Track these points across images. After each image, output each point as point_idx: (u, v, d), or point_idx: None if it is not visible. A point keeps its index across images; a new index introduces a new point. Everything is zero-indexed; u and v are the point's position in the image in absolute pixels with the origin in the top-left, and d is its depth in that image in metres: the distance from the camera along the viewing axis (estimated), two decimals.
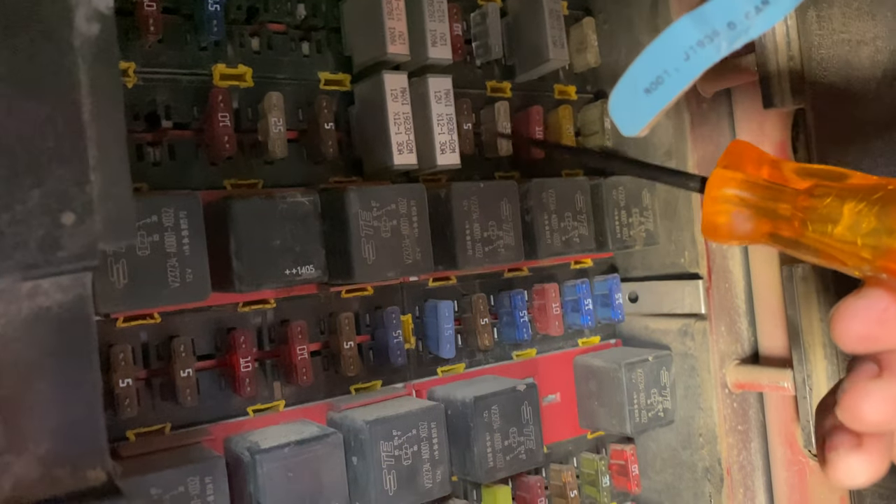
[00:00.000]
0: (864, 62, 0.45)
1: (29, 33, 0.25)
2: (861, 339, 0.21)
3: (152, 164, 0.43)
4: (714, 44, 0.29)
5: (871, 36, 0.45)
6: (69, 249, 0.25)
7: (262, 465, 0.40)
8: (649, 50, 0.29)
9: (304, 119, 0.48)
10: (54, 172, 0.25)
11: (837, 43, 0.46)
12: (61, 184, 0.25)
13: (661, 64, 0.29)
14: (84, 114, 0.26)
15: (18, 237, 0.24)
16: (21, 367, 0.25)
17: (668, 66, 0.29)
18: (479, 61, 0.55)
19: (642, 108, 0.30)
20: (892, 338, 0.21)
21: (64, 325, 0.26)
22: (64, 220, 0.26)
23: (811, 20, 0.46)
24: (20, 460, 0.24)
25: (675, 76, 0.29)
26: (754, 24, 0.28)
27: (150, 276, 0.38)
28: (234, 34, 0.46)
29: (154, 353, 0.42)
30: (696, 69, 0.29)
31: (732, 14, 0.28)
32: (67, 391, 0.26)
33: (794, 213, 0.25)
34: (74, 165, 0.26)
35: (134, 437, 0.41)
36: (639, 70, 0.30)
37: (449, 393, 0.49)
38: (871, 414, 0.21)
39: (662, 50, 0.29)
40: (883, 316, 0.21)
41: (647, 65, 0.29)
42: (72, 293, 0.26)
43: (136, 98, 0.43)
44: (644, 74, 0.29)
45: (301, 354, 0.44)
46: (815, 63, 0.46)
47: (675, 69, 0.29)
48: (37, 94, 0.25)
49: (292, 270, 0.42)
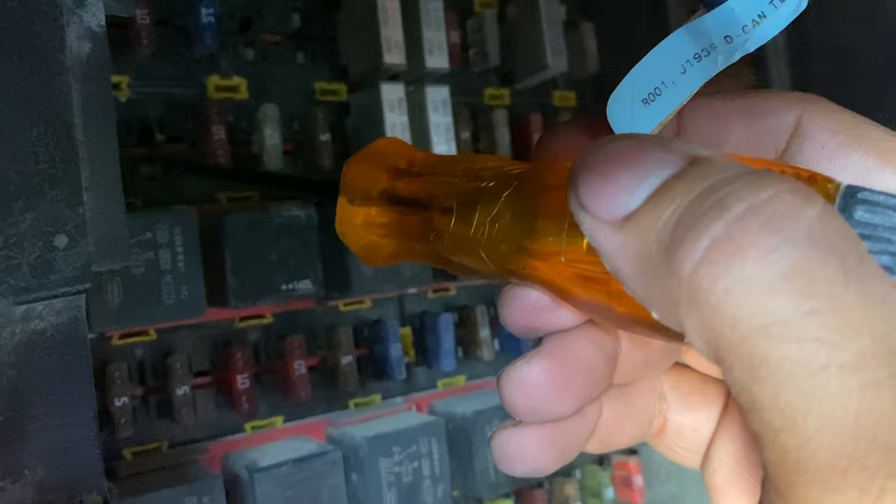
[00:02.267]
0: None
1: (19, 53, 0.25)
2: (519, 326, 0.21)
3: (146, 178, 0.42)
4: (711, 57, 0.28)
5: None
6: (62, 272, 0.25)
7: (261, 484, 0.40)
8: (646, 61, 0.29)
9: (300, 130, 0.47)
10: (47, 194, 0.25)
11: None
12: (54, 206, 0.25)
13: (658, 76, 0.29)
14: (76, 134, 0.26)
15: (11, 261, 0.24)
16: (15, 391, 0.25)
17: (665, 78, 0.29)
18: (477, 69, 0.54)
19: (642, 119, 0.29)
20: (547, 324, 0.21)
21: (58, 348, 0.26)
22: (57, 243, 0.25)
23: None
24: (16, 487, 0.24)
25: (672, 89, 0.29)
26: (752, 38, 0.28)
27: (144, 294, 0.38)
28: (227, 45, 0.45)
29: (150, 371, 0.42)
30: (694, 83, 0.29)
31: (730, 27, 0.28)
32: (62, 415, 0.25)
33: (426, 226, 0.23)
34: (67, 187, 0.26)
35: (131, 456, 0.41)
36: (636, 81, 0.29)
37: (450, 407, 0.49)
38: (514, 402, 0.20)
39: (659, 62, 0.29)
40: (536, 304, 0.21)
41: (644, 76, 0.29)
42: (66, 315, 0.26)
43: (129, 112, 0.42)
44: (641, 85, 0.29)
45: (298, 370, 0.44)
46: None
47: (672, 82, 0.29)
48: (28, 115, 0.25)
49: (288, 285, 0.42)
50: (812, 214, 0.13)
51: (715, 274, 0.13)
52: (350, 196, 0.25)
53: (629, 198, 0.15)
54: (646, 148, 0.16)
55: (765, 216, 0.13)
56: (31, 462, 0.24)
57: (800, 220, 0.13)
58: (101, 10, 0.27)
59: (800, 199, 0.14)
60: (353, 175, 0.25)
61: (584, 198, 0.16)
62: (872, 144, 0.19)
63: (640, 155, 0.15)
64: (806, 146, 0.20)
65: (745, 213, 0.13)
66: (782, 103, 0.21)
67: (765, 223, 0.13)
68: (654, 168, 0.15)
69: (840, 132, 0.20)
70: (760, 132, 0.21)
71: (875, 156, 0.19)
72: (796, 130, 0.21)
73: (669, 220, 0.14)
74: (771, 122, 0.21)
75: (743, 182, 0.14)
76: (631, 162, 0.15)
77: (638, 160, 0.15)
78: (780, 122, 0.21)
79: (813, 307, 0.13)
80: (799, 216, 0.13)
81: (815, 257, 0.13)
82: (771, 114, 0.21)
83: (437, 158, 0.24)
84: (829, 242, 0.13)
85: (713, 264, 0.13)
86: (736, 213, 0.13)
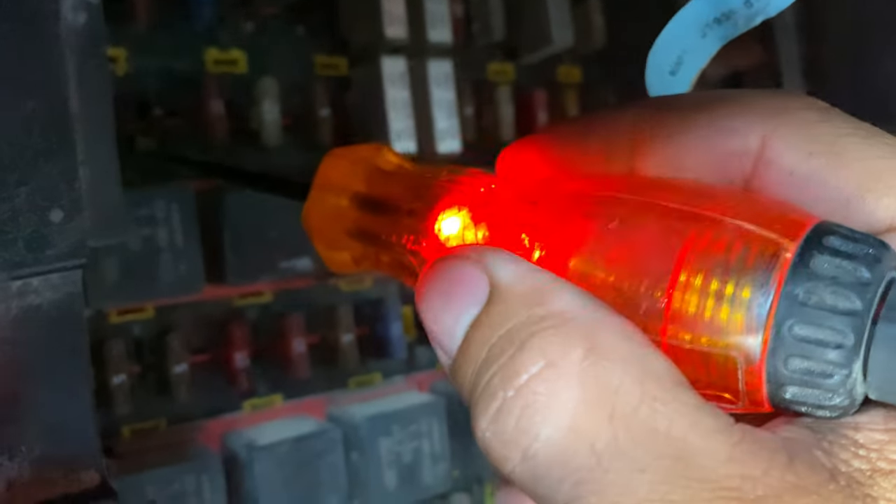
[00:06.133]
0: None
1: (12, 24, 0.24)
2: None
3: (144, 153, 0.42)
4: (731, 21, 0.28)
5: None
6: (58, 247, 0.25)
7: (260, 463, 0.40)
8: (666, 31, 0.29)
9: (299, 104, 0.46)
10: (41, 169, 0.25)
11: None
12: (49, 180, 0.25)
13: (679, 44, 0.29)
14: (71, 107, 0.26)
15: (6, 236, 0.24)
16: (11, 367, 0.24)
17: (687, 45, 0.28)
18: (481, 42, 0.53)
19: (674, 89, 0.30)
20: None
21: (54, 323, 0.25)
22: (52, 218, 0.25)
23: None
24: (12, 463, 0.24)
25: (694, 55, 0.28)
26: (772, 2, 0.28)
27: (142, 271, 0.38)
28: (226, 18, 0.44)
29: (148, 348, 0.41)
30: (712, 47, 0.29)
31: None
32: (59, 392, 0.25)
33: (393, 229, 0.22)
34: (62, 161, 0.25)
35: (128, 433, 0.41)
36: (660, 53, 0.29)
37: (450, 387, 0.48)
38: None
39: (679, 30, 0.29)
40: None
41: (666, 46, 0.29)
42: (62, 291, 0.26)
43: (126, 86, 0.41)
44: (666, 58, 0.29)
45: (298, 348, 0.43)
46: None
47: (693, 48, 0.28)
48: (22, 88, 0.24)
49: (288, 263, 0.41)
50: (569, 398, 0.14)
51: (495, 455, 0.15)
52: (324, 191, 0.25)
53: (451, 342, 0.17)
54: (457, 282, 0.17)
55: (516, 414, 0.15)
56: (28, 439, 0.24)
57: (550, 412, 0.15)
58: None
59: (553, 382, 0.15)
60: (332, 169, 0.25)
61: (427, 329, 0.18)
62: (853, 167, 0.17)
63: (456, 289, 0.17)
64: (772, 173, 0.18)
65: (503, 405, 0.15)
66: (744, 121, 0.18)
67: (519, 416, 0.15)
68: (464, 307, 0.17)
69: (815, 153, 0.17)
70: (720, 156, 0.18)
71: (856, 182, 0.16)
72: (762, 153, 0.18)
73: (470, 379, 0.16)
74: (733, 143, 0.18)
75: (512, 352, 0.15)
76: (449, 299, 0.17)
77: (454, 296, 0.17)
78: (743, 144, 0.18)
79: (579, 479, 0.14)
80: (550, 407, 0.15)
81: (569, 443, 0.14)
82: (732, 133, 0.18)
83: (410, 167, 0.24)
84: (583, 429, 0.14)
85: (490, 452, 0.15)
86: (497, 404, 0.15)
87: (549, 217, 0.18)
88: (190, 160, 0.42)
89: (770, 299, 0.15)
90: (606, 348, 0.15)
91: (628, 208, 0.17)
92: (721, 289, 0.15)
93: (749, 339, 0.15)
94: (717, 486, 0.13)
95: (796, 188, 0.17)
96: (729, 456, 0.14)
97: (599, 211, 0.17)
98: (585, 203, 0.18)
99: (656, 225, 0.16)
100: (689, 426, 0.14)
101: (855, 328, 0.14)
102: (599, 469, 0.14)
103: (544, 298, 0.16)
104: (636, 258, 0.16)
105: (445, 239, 0.20)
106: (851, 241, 0.15)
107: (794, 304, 0.14)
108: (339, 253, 0.25)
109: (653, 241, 0.16)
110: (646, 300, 0.16)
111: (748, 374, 0.15)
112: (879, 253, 0.15)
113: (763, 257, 0.15)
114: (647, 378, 0.14)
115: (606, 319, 0.15)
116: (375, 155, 0.24)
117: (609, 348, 0.15)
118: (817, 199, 0.17)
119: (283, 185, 0.29)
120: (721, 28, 0.28)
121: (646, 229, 0.17)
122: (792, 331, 0.14)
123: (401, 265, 0.22)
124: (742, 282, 0.15)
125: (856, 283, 0.14)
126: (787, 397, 0.15)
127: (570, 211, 0.18)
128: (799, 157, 0.17)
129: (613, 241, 0.17)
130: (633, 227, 0.17)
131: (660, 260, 0.16)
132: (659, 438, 0.14)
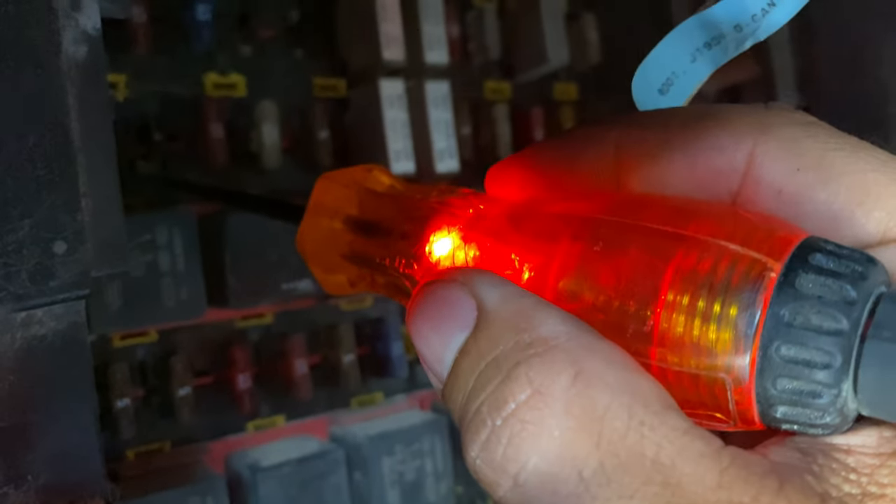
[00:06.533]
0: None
1: (15, 58, 0.24)
2: None
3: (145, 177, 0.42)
4: (721, 46, 0.28)
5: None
6: (62, 278, 0.25)
7: (264, 484, 0.40)
8: (654, 53, 0.28)
9: (298, 127, 0.47)
10: (44, 201, 0.25)
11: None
12: (52, 212, 0.25)
13: (670, 66, 0.29)
14: (73, 139, 0.26)
15: (10, 268, 0.24)
16: (16, 397, 0.25)
17: (677, 68, 0.28)
18: (477, 61, 0.54)
19: (663, 107, 0.30)
20: None
21: (58, 353, 0.25)
22: (56, 249, 0.25)
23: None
24: (18, 492, 0.24)
25: (684, 78, 0.28)
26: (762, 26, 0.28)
27: (145, 295, 0.38)
28: (225, 42, 0.45)
29: (151, 371, 0.42)
30: (704, 71, 0.29)
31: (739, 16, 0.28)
32: (64, 420, 0.25)
33: (387, 251, 0.22)
34: (65, 193, 0.25)
35: (133, 457, 0.41)
36: (649, 71, 0.29)
37: None
38: None
39: (669, 52, 0.29)
40: None
41: (656, 67, 0.29)
42: (66, 321, 0.26)
43: (127, 111, 0.42)
44: (655, 76, 0.29)
45: (300, 369, 0.44)
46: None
47: (683, 71, 0.28)
48: (25, 121, 0.25)
49: (289, 285, 0.41)
50: (556, 425, 0.15)
51: (486, 482, 0.15)
52: (318, 215, 0.25)
53: (441, 368, 0.17)
54: (445, 306, 0.17)
55: (504, 442, 0.15)
56: (33, 468, 0.24)
57: (537, 441, 0.15)
58: (97, 12, 0.27)
59: (540, 410, 0.15)
60: (325, 193, 0.25)
61: (418, 353, 0.18)
62: (842, 181, 0.16)
63: (445, 314, 0.17)
64: (760, 190, 0.17)
65: (491, 433, 0.15)
66: (729, 137, 0.18)
67: (507, 444, 0.15)
68: (453, 333, 0.17)
69: (802, 168, 0.17)
70: (706, 173, 0.18)
71: (845, 197, 0.16)
72: (748, 170, 0.17)
73: (460, 406, 0.16)
74: (719, 161, 0.18)
75: (500, 380, 0.15)
76: (438, 324, 0.17)
77: (442, 321, 0.17)
78: (727, 162, 0.18)
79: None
80: (538, 436, 0.15)
81: (557, 471, 0.14)
82: (717, 151, 0.18)
83: (401, 187, 0.24)
84: (566, 460, 0.14)
85: (481, 478, 0.16)
86: (486, 432, 0.15)
87: (536, 239, 0.18)
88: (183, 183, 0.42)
89: (756, 320, 0.15)
90: (593, 374, 0.15)
91: (613, 230, 0.17)
92: (708, 310, 0.15)
93: (737, 360, 0.15)
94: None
95: (785, 204, 0.17)
96: (718, 482, 0.14)
97: (585, 233, 0.17)
98: (571, 225, 0.18)
99: (641, 246, 0.16)
100: (677, 452, 0.14)
101: (842, 348, 0.14)
102: (588, 496, 0.14)
103: (530, 324, 0.16)
104: (623, 280, 0.16)
105: (437, 261, 0.20)
106: (837, 258, 0.15)
107: (780, 325, 0.14)
108: (334, 276, 0.25)
109: (638, 263, 0.16)
110: (633, 322, 0.16)
111: (738, 394, 0.15)
112: (865, 269, 0.14)
113: (748, 278, 0.15)
114: (634, 403, 0.14)
115: (593, 345, 0.15)
116: (367, 177, 0.24)
117: (595, 374, 0.15)
118: (806, 215, 0.17)
119: (280, 208, 0.29)
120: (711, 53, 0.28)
121: (631, 251, 0.16)
122: (779, 352, 0.14)
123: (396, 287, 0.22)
124: (728, 302, 0.15)
125: (841, 301, 0.14)
126: (777, 416, 0.15)
127: (557, 233, 0.18)
128: (786, 172, 0.17)
129: (599, 263, 0.17)
130: (618, 250, 0.17)
131: (646, 282, 0.16)
132: (646, 464, 0.14)
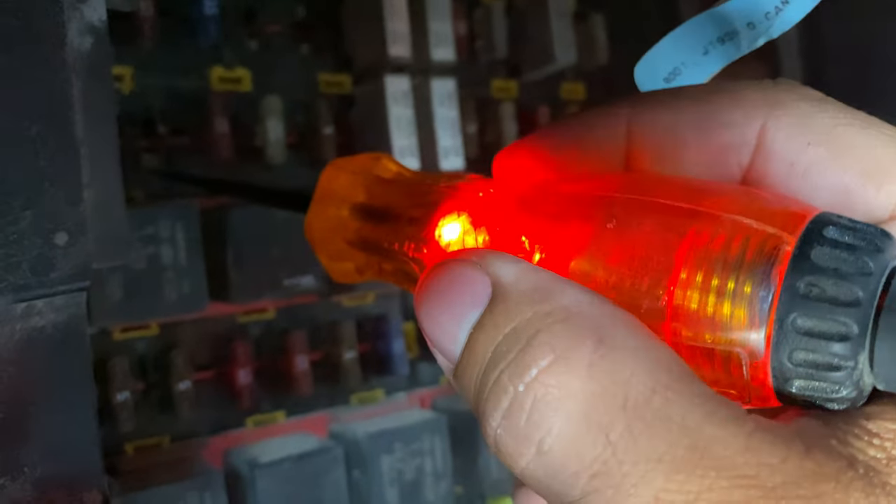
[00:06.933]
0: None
1: (20, 50, 0.24)
2: None
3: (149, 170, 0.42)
4: (734, 42, 0.28)
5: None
6: (62, 270, 0.25)
7: (262, 480, 0.40)
8: (667, 40, 0.28)
9: (303, 122, 0.47)
10: (46, 192, 0.25)
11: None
12: (54, 203, 0.25)
13: (679, 55, 0.28)
14: (77, 131, 0.26)
15: (11, 259, 0.24)
16: (15, 389, 0.25)
17: (686, 58, 0.28)
18: (484, 60, 0.54)
19: None
20: None
21: (58, 345, 0.25)
22: (57, 241, 0.25)
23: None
24: (15, 484, 0.24)
25: (692, 69, 0.28)
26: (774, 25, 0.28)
27: (146, 288, 0.38)
28: (231, 36, 0.44)
29: (152, 365, 0.42)
30: (714, 65, 0.28)
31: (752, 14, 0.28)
32: (62, 412, 0.25)
33: (395, 237, 0.22)
34: (67, 184, 0.25)
35: (132, 451, 0.41)
36: (656, 60, 0.29)
37: (452, 403, 0.48)
38: None
39: (680, 42, 0.28)
40: None
41: (665, 54, 0.29)
42: (66, 313, 0.26)
43: (132, 104, 0.42)
44: (662, 65, 0.29)
45: (301, 365, 0.44)
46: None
47: (693, 62, 0.28)
48: (29, 112, 0.25)
49: (291, 280, 0.41)
50: (581, 389, 0.14)
51: (507, 453, 0.15)
52: (325, 202, 0.24)
53: (454, 346, 0.16)
54: (458, 284, 0.17)
55: (528, 408, 0.14)
56: (31, 460, 0.24)
57: (562, 405, 0.14)
58: (103, 4, 0.27)
59: (563, 375, 0.14)
60: (332, 180, 0.25)
61: (427, 335, 0.17)
62: (853, 155, 0.16)
63: (457, 292, 0.17)
64: (772, 165, 0.17)
65: (514, 401, 0.15)
66: (740, 113, 0.18)
67: (531, 410, 0.14)
68: (466, 310, 0.16)
69: (813, 143, 0.17)
70: (717, 149, 0.18)
71: (857, 171, 0.16)
72: (760, 145, 0.18)
73: (476, 381, 0.16)
74: (728, 136, 0.18)
75: (521, 348, 0.15)
76: (450, 302, 0.17)
77: (455, 298, 0.16)
78: (739, 137, 0.18)
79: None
80: (562, 399, 0.14)
81: (583, 435, 0.14)
82: (728, 127, 0.18)
83: (409, 175, 0.24)
84: (587, 429, 0.14)
85: (503, 450, 0.15)
86: (508, 400, 0.15)
87: (547, 220, 0.18)
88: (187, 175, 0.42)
89: (772, 293, 0.14)
90: (616, 340, 0.14)
91: (626, 207, 0.17)
92: (722, 285, 0.15)
93: (752, 334, 0.15)
94: (734, 475, 0.13)
95: (796, 179, 0.17)
96: (745, 445, 0.13)
97: (597, 211, 0.17)
98: (583, 204, 0.18)
99: (654, 223, 0.16)
100: (703, 415, 0.14)
101: (859, 319, 0.14)
102: (614, 460, 0.14)
103: (549, 295, 0.15)
104: (636, 257, 0.16)
105: (446, 245, 0.20)
106: (852, 232, 0.14)
107: (797, 298, 0.14)
108: (342, 263, 0.24)
109: (652, 239, 0.16)
110: (647, 299, 0.16)
111: (753, 369, 0.15)
112: (881, 242, 0.14)
113: (763, 252, 0.15)
114: (658, 368, 0.14)
115: (613, 313, 0.15)
116: (374, 164, 0.24)
117: (618, 340, 0.14)
118: (817, 189, 0.17)
119: (285, 197, 0.29)
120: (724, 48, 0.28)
121: (644, 228, 0.16)
122: (795, 324, 0.14)
123: (404, 273, 0.22)
124: (743, 277, 0.15)
125: (857, 273, 0.14)
126: (793, 391, 0.15)
127: (568, 212, 0.18)
128: (797, 147, 0.17)
129: (612, 241, 0.17)
130: (631, 227, 0.16)
131: (660, 258, 0.16)
132: (673, 428, 0.14)
